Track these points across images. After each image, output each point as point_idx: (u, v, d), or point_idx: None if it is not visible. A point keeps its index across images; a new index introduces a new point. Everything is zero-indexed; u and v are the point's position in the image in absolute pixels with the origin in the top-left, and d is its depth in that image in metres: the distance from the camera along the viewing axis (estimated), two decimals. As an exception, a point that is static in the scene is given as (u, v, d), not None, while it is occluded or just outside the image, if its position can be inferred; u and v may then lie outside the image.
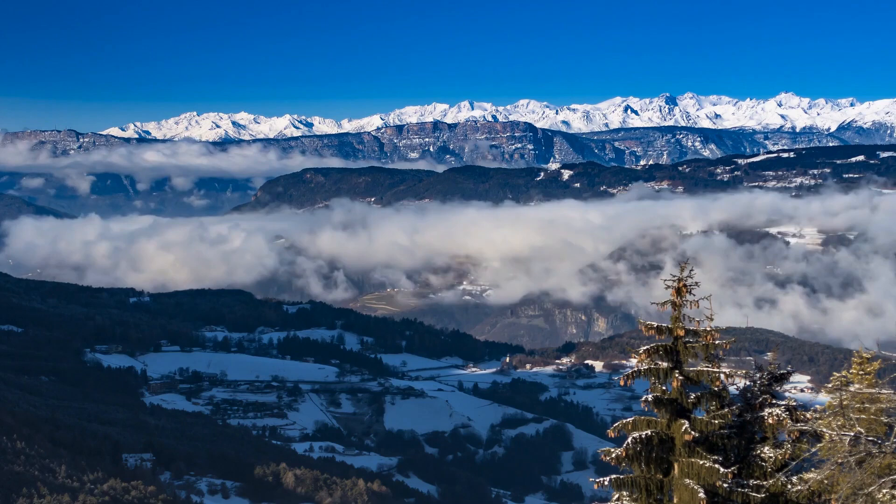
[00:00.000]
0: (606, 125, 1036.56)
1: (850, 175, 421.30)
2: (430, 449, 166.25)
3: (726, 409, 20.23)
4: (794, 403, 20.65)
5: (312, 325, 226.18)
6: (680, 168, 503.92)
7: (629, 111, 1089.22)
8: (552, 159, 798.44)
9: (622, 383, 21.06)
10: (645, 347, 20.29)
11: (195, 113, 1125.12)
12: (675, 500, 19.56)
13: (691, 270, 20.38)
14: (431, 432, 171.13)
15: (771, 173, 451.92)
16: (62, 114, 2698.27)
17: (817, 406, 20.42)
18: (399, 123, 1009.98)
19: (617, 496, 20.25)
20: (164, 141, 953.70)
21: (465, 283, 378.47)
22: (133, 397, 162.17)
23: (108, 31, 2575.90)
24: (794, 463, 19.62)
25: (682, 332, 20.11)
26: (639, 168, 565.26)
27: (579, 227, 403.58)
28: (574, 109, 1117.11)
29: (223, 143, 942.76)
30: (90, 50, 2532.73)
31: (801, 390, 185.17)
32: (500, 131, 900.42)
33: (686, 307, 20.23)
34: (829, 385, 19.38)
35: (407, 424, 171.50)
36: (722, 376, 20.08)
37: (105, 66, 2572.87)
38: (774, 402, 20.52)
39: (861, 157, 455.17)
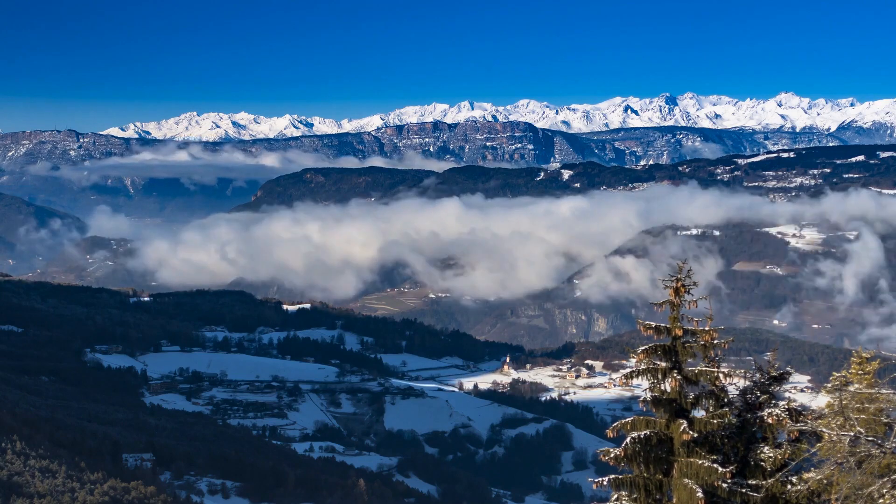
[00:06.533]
0: (606, 125, 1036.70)
1: (851, 175, 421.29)
2: (430, 449, 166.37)
3: (725, 409, 20.22)
4: (794, 403, 20.64)
5: (312, 325, 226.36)
6: (680, 168, 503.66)
7: (629, 111, 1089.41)
8: (552, 159, 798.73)
9: (621, 383, 21.08)
10: (644, 347, 20.29)
11: (195, 113, 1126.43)
12: (674, 500, 19.54)
13: (689, 270, 20.38)
14: (431, 432, 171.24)
15: (771, 173, 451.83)
16: (62, 114, 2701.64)
17: (816, 406, 20.41)
18: (399, 123, 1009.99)
19: (616, 496, 20.24)
20: (164, 141, 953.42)
21: (465, 282, 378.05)
22: (133, 397, 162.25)
23: (108, 31, 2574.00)
24: (793, 463, 19.61)
25: (680, 332, 20.11)
26: (639, 168, 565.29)
27: (579, 228, 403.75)
28: (574, 109, 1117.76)
29: (223, 143, 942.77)
30: (90, 50, 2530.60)
31: (801, 390, 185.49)
32: (500, 131, 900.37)
33: (684, 307, 20.24)
34: (829, 385, 19.35)
35: (407, 424, 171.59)
36: (721, 376, 20.08)
37: (105, 65, 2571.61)
38: (774, 402, 20.50)
39: (861, 157, 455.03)
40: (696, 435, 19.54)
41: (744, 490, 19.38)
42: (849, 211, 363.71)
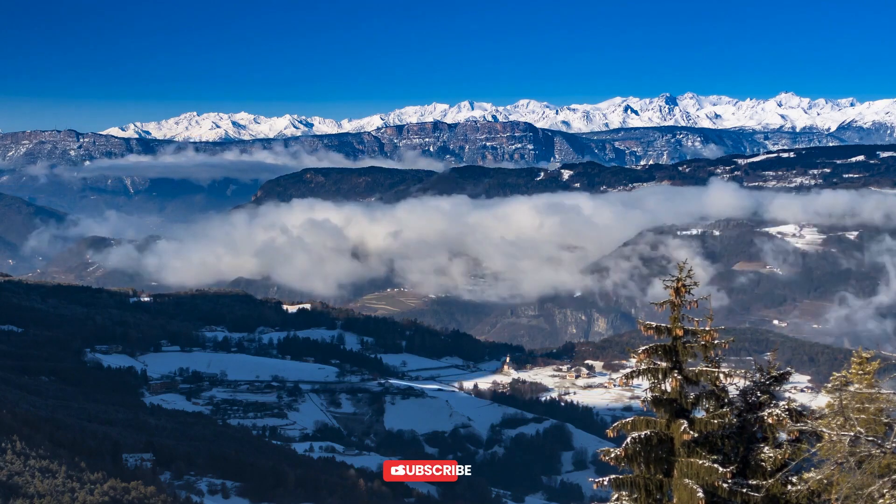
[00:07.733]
0: (606, 125, 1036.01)
1: (850, 175, 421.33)
2: (430, 449, 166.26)
3: (725, 409, 20.24)
4: (794, 403, 20.65)
5: (312, 325, 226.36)
6: (680, 168, 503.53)
7: (629, 111, 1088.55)
8: (552, 159, 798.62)
9: (621, 383, 21.15)
10: (644, 347, 20.31)
11: (195, 113, 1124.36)
12: (674, 501, 19.55)
13: (690, 270, 20.39)
14: (431, 432, 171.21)
15: (771, 173, 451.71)
16: (62, 114, 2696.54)
17: (816, 406, 20.41)
18: (399, 123, 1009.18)
19: (616, 496, 20.26)
20: (164, 141, 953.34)
21: (465, 282, 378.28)
22: (133, 397, 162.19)
23: (108, 31, 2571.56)
24: (793, 463, 19.63)
25: (680, 332, 20.13)
26: (639, 168, 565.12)
27: (580, 228, 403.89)
28: (574, 109, 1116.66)
29: (223, 143, 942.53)
30: (90, 50, 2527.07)
31: (801, 390, 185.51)
32: (500, 131, 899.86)
33: (685, 307, 20.25)
34: (829, 385, 19.37)
35: (407, 424, 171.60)
36: (721, 376, 20.10)
37: (105, 65, 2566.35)
38: (774, 402, 20.51)
39: (861, 157, 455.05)
40: (696, 435, 19.56)
41: (744, 490, 19.40)
42: (849, 211, 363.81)
